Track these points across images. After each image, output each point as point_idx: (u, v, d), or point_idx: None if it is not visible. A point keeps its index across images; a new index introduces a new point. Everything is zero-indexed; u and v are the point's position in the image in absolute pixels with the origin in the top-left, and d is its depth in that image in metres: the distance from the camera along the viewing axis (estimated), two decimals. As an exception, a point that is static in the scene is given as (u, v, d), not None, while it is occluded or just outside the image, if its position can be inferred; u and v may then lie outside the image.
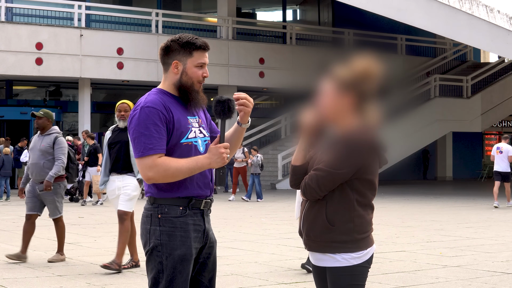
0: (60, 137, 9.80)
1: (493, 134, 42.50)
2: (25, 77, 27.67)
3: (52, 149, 9.65)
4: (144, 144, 3.78)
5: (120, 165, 8.97)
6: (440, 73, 36.23)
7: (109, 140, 9.16)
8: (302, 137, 3.79)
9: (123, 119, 9.20)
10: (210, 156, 3.81)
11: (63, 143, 9.71)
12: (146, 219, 3.91)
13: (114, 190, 9.00)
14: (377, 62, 3.70)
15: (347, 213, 3.68)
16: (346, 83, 3.69)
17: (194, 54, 3.91)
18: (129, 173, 8.99)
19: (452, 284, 8.13)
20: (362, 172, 3.67)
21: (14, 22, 26.85)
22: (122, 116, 9.22)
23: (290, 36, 32.51)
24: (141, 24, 29.47)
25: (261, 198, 21.94)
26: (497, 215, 17.12)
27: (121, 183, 8.95)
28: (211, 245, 3.99)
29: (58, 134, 9.85)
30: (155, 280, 3.85)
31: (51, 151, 9.64)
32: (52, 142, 9.68)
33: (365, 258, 3.71)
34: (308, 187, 3.68)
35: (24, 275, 8.58)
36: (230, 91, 30.45)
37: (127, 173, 8.98)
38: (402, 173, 34.50)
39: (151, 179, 3.80)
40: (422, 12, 24.25)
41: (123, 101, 9.35)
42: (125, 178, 8.97)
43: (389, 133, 26.87)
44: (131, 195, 8.94)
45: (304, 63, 30.97)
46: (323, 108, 3.73)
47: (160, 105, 3.83)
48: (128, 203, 8.95)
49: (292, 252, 10.58)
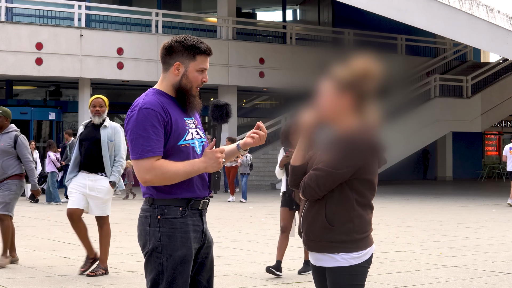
0: (20, 135, 9.48)
1: (493, 134, 42.50)
2: (25, 77, 27.66)
3: (12, 148, 9.31)
4: (142, 146, 3.76)
5: (92, 164, 8.61)
6: (440, 73, 36.21)
7: (81, 135, 8.78)
8: (301, 137, 3.79)
9: (98, 115, 8.81)
10: (206, 160, 3.81)
11: (25, 142, 9.52)
12: (144, 220, 3.89)
13: (84, 186, 8.57)
14: (376, 62, 3.70)
15: (346, 213, 3.68)
16: (345, 83, 3.69)
17: (197, 58, 3.89)
18: (101, 173, 8.64)
19: (452, 284, 8.13)
20: (362, 172, 3.67)
21: (14, 22, 26.84)
22: (97, 112, 8.81)
23: (290, 36, 32.50)
24: (141, 24, 29.46)
25: (245, 199, 21.47)
26: (497, 215, 17.11)
27: (93, 183, 8.60)
28: (208, 245, 3.99)
29: (17, 132, 9.58)
30: (155, 281, 3.83)
31: (12, 150, 9.32)
32: (12, 141, 9.40)
33: (364, 258, 3.72)
34: (307, 187, 3.68)
35: (24, 275, 8.58)
36: (230, 91, 30.45)
37: (99, 173, 8.63)
38: (402, 173, 34.48)
39: (148, 181, 3.79)
40: (422, 12, 24.24)
41: (98, 96, 9.01)
42: (97, 179, 8.62)
43: (389, 133, 26.85)
44: (104, 199, 8.65)
45: (304, 63, 30.96)
46: (322, 108, 3.73)
47: (158, 107, 3.80)
48: (104, 207, 8.70)
49: (292, 252, 10.58)
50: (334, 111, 3.72)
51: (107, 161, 8.64)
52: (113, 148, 8.71)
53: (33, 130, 27.93)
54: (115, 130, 8.83)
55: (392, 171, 29.22)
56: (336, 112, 3.72)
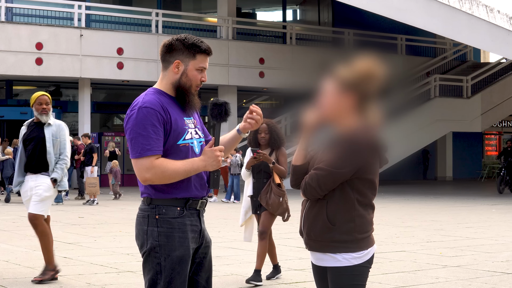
0: None
1: (493, 134, 42.49)
2: (25, 77, 27.67)
3: None
4: (142, 145, 3.76)
5: (35, 164, 8.26)
6: (440, 73, 36.21)
7: (23, 136, 8.38)
8: (303, 136, 3.79)
9: (45, 113, 8.31)
10: (206, 159, 3.82)
11: None
12: (142, 220, 3.88)
13: (27, 191, 8.26)
14: (379, 63, 3.70)
15: (348, 212, 3.68)
16: (348, 83, 3.69)
17: (197, 57, 3.89)
18: (44, 173, 8.26)
19: (452, 284, 8.13)
20: (363, 172, 3.67)
21: (14, 22, 26.85)
22: (43, 110, 8.31)
23: (290, 36, 32.50)
24: (141, 24, 29.46)
25: (239, 200, 21.10)
26: (497, 215, 17.11)
27: (34, 183, 8.24)
28: (206, 245, 3.99)
29: None
30: (152, 281, 3.82)
31: None
32: None
33: (366, 258, 3.72)
34: (308, 187, 3.68)
35: (24, 275, 8.57)
36: (230, 91, 30.45)
37: (41, 172, 8.26)
38: (402, 173, 34.48)
39: (148, 180, 3.78)
40: (422, 12, 24.24)
41: (42, 93, 8.46)
42: (38, 177, 8.25)
43: (389, 133, 26.85)
44: (42, 196, 8.16)
45: (304, 63, 30.96)
46: (324, 108, 3.73)
47: (158, 106, 3.80)
48: (39, 205, 8.15)
49: (292, 252, 10.57)
50: (336, 111, 3.72)
51: (51, 159, 8.26)
52: (58, 146, 8.32)
53: (33, 130, 27.91)
54: (60, 127, 8.39)
55: (392, 171, 29.20)
56: (338, 112, 3.72)
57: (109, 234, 12.87)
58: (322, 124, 3.77)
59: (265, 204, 8.16)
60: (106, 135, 29.77)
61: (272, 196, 8.13)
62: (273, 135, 8.26)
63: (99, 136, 29.36)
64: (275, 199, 8.11)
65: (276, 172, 8.16)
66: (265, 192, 8.18)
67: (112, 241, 11.90)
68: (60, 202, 20.07)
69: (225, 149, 3.96)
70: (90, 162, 21.11)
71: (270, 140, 8.27)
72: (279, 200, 8.11)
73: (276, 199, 8.11)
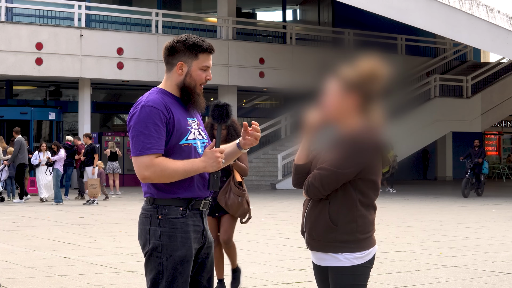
0: None
1: (493, 134, 42.49)
2: (25, 77, 27.67)
3: None
4: (142, 143, 3.77)
5: None
6: (440, 73, 36.21)
7: None
8: (305, 136, 3.79)
9: None
10: (206, 160, 3.82)
11: None
12: (145, 219, 3.89)
13: None
14: (382, 63, 3.71)
15: (350, 213, 3.69)
16: (352, 84, 3.69)
17: (199, 56, 3.90)
18: None
19: (452, 284, 8.13)
20: (366, 172, 3.67)
21: (14, 22, 26.85)
22: None
23: (290, 36, 32.50)
24: (141, 24, 29.46)
25: None
26: (497, 215, 17.11)
27: None
28: (209, 245, 4.00)
29: None
30: (154, 281, 3.83)
31: None
32: None
33: (367, 258, 3.72)
34: (311, 186, 3.69)
35: (24, 275, 8.58)
36: (230, 91, 30.46)
37: None
38: (402, 173, 34.48)
39: (147, 178, 3.80)
40: (422, 12, 24.24)
41: None
42: None
43: (389, 133, 26.83)
44: None
45: (304, 63, 30.96)
46: (328, 108, 3.73)
47: (161, 105, 3.82)
48: None
49: (292, 252, 10.58)
50: (340, 111, 3.72)
51: None
52: None
53: (33, 130, 27.93)
54: None
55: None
56: (341, 112, 3.72)
57: (109, 234, 12.87)
58: (325, 124, 3.78)
59: (224, 205, 7.37)
60: (106, 135, 29.77)
61: (231, 196, 7.36)
62: (231, 130, 7.53)
63: (99, 136, 29.36)
64: (234, 199, 7.35)
65: (237, 170, 7.45)
66: (224, 192, 7.39)
67: (112, 241, 11.90)
68: (60, 202, 20.07)
69: (225, 160, 3.97)
70: (91, 163, 21.11)
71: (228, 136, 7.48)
72: (238, 200, 7.35)
73: (236, 199, 7.35)
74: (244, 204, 7.40)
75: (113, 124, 32.82)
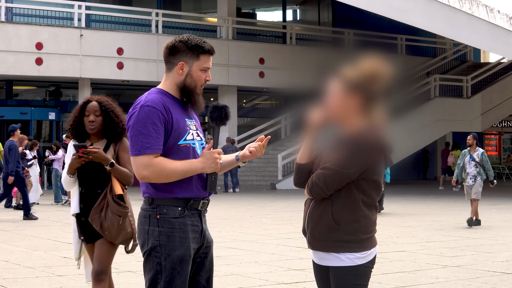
0: None
1: (493, 134, 42.48)
2: (25, 77, 27.67)
3: None
4: (141, 143, 3.78)
5: None
6: (440, 73, 36.19)
7: None
8: (308, 135, 3.80)
9: None
10: (204, 161, 3.84)
11: None
12: (144, 219, 3.91)
13: None
14: (385, 63, 3.71)
15: (353, 213, 3.69)
16: (354, 84, 3.70)
17: (201, 57, 3.92)
18: None
19: (452, 284, 8.13)
20: (369, 173, 3.68)
21: (14, 22, 26.84)
22: None
23: (290, 36, 32.49)
24: (141, 24, 29.46)
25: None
26: (497, 215, 17.11)
27: None
28: (208, 245, 4.00)
29: None
30: (153, 281, 3.84)
31: None
32: None
33: (369, 258, 3.73)
34: (315, 186, 3.69)
35: (24, 275, 8.58)
36: (230, 91, 30.45)
37: None
38: (402, 173, 34.47)
39: (145, 178, 3.81)
40: (422, 12, 24.24)
41: None
42: None
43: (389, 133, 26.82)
44: None
45: (304, 63, 30.96)
46: (330, 108, 3.74)
47: (160, 105, 3.83)
48: None
49: (292, 252, 10.58)
50: (342, 112, 3.73)
51: None
52: None
53: (33, 130, 27.92)
54: None
55: (392, 171, 29.20)
56: (344, 112, 3.73)
57: (109, 234, 12.86)
58: (327, 123, 3.78)
59: (98, 228, 5.33)
60: (106, 135, 29.75)
61: (109, 215, 5.30)
62: (108, 118, 5.40)
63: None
64: (113, 220, 5.29)
65: (116, 177, 5.38)
66: (98, 209, 5.32)
67: (112, 241, 11.89)
68: (60, 202, 20.06)
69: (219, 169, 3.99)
70: None
71: (104, 127, 5.41)
72: (119, 222, 5.32)
73: (115, 220, 5.30)
74: (127, 227, 5.39)
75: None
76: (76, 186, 5.48)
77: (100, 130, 5.40)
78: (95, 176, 5.41)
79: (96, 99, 5.47)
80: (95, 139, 5.48)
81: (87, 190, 5.44)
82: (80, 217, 5.48)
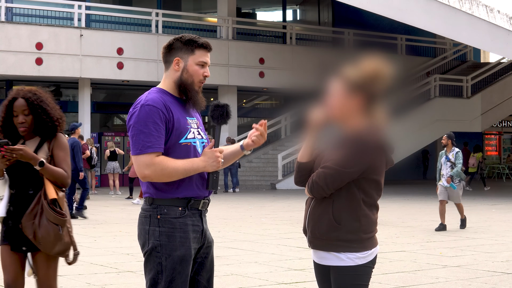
0: None
1: (493, 134, 42.49)
2: (25, 77, 27.66)
3: None
4: (142, 142, 3.78)
5: None
6: (440, 73, 36.20)
7: None
8: (309, 134, 3.80)
9: None
10: (206, 160, 3.84)
11: None
12: (144, 219, 3.91)
13: None
14: (386, 63, 3.72)
15: (353, 212, 3.69)
16: (356, 84, 3.70)
17: (196, 52, 3.93)
18: None
19: (452, 284, 8.13)
20: (370, 172, 3.68)
21: (14, 22, 26.84)
22: None
23: (290, 36, 32.50)
24: (141, 24, 29.46)
25: None
26: (497, 215, 17.11)
27: None
28: (208, 245, 4.00)
29: None
30: (153, 281, 3.84)
31: None
32: None
33: (369, 258, 3.72)
34: (315, 185, 3.69)
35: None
36: (230, 91, 30.46)
37: None
38: (402, 173, 34.47)
39: (147, 177, 3.81)
40: (422, 12, 24.24)
41: None
42: None
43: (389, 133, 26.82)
44: None
45: (304, 63, 30.96)
46: (332, 108, 3.74)
47: (160, 104, 3.83)
48: None
49: (292, 252, 10.58)
50: (344, 111, 3.73)
51: None
52: None
53: (33, 130, 27.93)
54: None
55: (392, 171, 29.12)
56: (345, 112, 3.73)
57: (109, 234, 12.87)
58: (328, 122, 3.79)
59: (31, 237, 4.63)
60: (106, 135, 29.77)
61: (43, 223, 4.61)
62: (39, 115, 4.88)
63: (99, 136, 29.37)
64: (49, 229, 4.61)
65: (49, 179, 4.70)
66: (31, 215, 4.64)
67: (112, 241, 11.91)
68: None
69: (224, 160, 3.99)
70: None
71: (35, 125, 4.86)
72: (56, 232, 4.63)
73: (50, 229, 4.62)
74: (64, 235, 4.68)
75: (113, 124, 32.82)
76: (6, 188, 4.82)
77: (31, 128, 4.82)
78: (26, 175, 4.74)
79: (22, 95, 4.84)
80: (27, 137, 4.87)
81: (18, 191, 4.75)
82: (7, 221, 4.75)
